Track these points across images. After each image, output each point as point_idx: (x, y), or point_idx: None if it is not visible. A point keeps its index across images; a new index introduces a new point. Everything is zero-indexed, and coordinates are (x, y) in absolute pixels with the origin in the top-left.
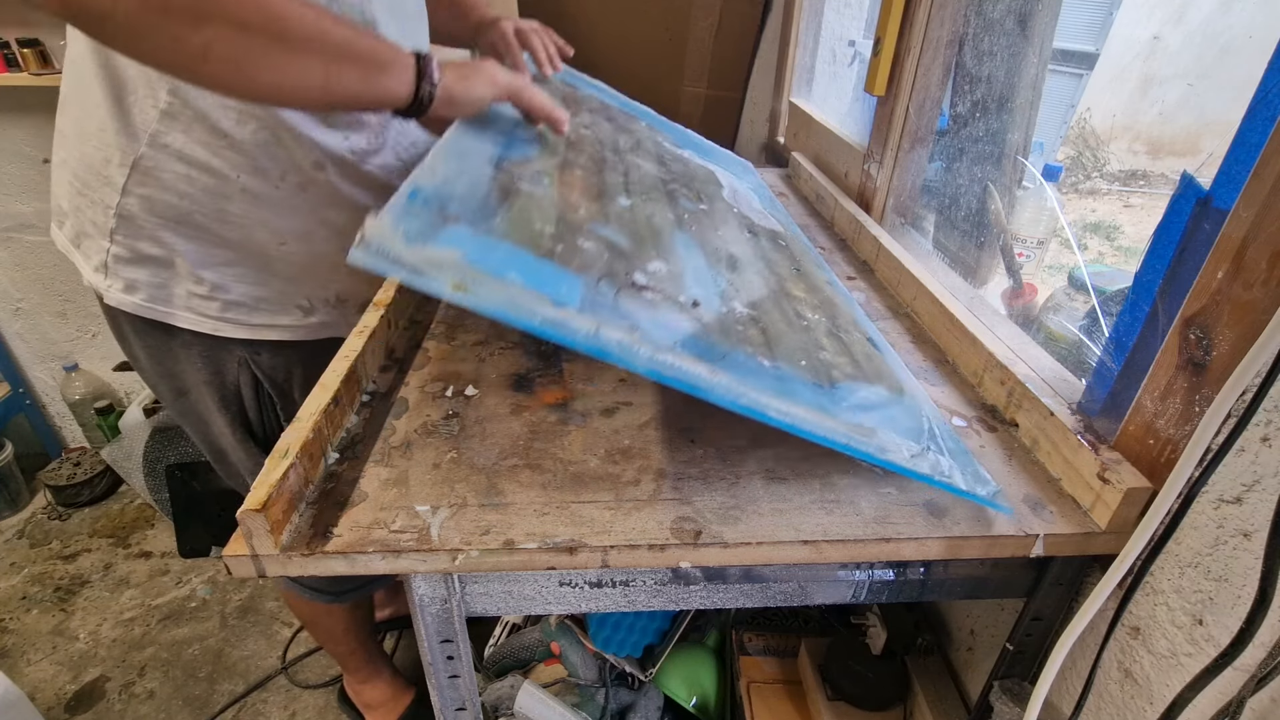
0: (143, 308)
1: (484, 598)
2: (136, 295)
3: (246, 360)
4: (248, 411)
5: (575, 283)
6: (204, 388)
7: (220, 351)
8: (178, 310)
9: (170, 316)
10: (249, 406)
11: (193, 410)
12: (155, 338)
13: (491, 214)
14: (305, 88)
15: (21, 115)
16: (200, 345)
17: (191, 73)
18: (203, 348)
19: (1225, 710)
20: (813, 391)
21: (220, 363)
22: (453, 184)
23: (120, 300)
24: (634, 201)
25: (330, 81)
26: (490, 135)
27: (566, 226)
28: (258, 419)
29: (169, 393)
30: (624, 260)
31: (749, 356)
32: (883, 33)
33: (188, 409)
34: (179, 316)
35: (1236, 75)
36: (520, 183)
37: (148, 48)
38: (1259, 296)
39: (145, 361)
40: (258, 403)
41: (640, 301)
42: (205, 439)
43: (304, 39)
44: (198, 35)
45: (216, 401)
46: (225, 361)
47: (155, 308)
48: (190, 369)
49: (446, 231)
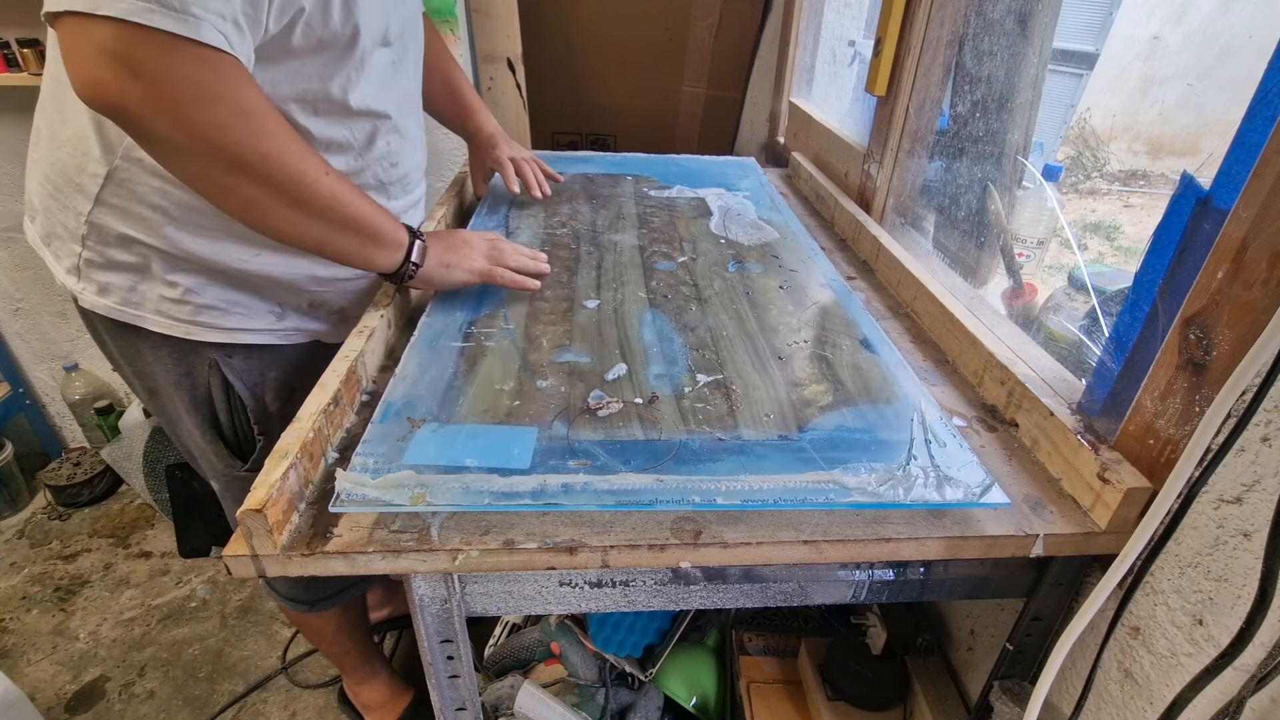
0: (115, 310)
1: (484, 598)
2: (109, 298)
3: (217, 363)
4: (218, 414)
5: (529, 437)
6: (173, 389)
7: (190, 354)
8: (148, 314)
9: (141, 320)
10: (219, 409)
11: (163, 410)
12: (126, 339)
13: (455, 399)
14: (302, 241)
15: (22, 115)
16: (170, 347)
17: (206, 197)
18: (173, 349)
19: (1225, 710)
20: (776, 448)
21: (191, 365)
22: (421, 380)
23: (93, 303)
24: (603, 298)
25: (326, 243)
26: (465, 293)
27: (528, 372)
28: (228, 421)
29: (142, 392)
30: (583, 383)
31: (705, 437)
32: (883, 33)
33: (159, 409)
34: (150, 320)
35: (1236, 75)
36: (487, 343)
37: (177, 166)
38: (1259, 296)
39: (119, 360)
40: (228, 405)
41: (594, 424)
42: (177, 439)
43: (319, 209)
44: (229, 178)
45: (186, 403)
46: (195, 364)
47: (126, 310)
48: (160, 370)
49: (411, 444)
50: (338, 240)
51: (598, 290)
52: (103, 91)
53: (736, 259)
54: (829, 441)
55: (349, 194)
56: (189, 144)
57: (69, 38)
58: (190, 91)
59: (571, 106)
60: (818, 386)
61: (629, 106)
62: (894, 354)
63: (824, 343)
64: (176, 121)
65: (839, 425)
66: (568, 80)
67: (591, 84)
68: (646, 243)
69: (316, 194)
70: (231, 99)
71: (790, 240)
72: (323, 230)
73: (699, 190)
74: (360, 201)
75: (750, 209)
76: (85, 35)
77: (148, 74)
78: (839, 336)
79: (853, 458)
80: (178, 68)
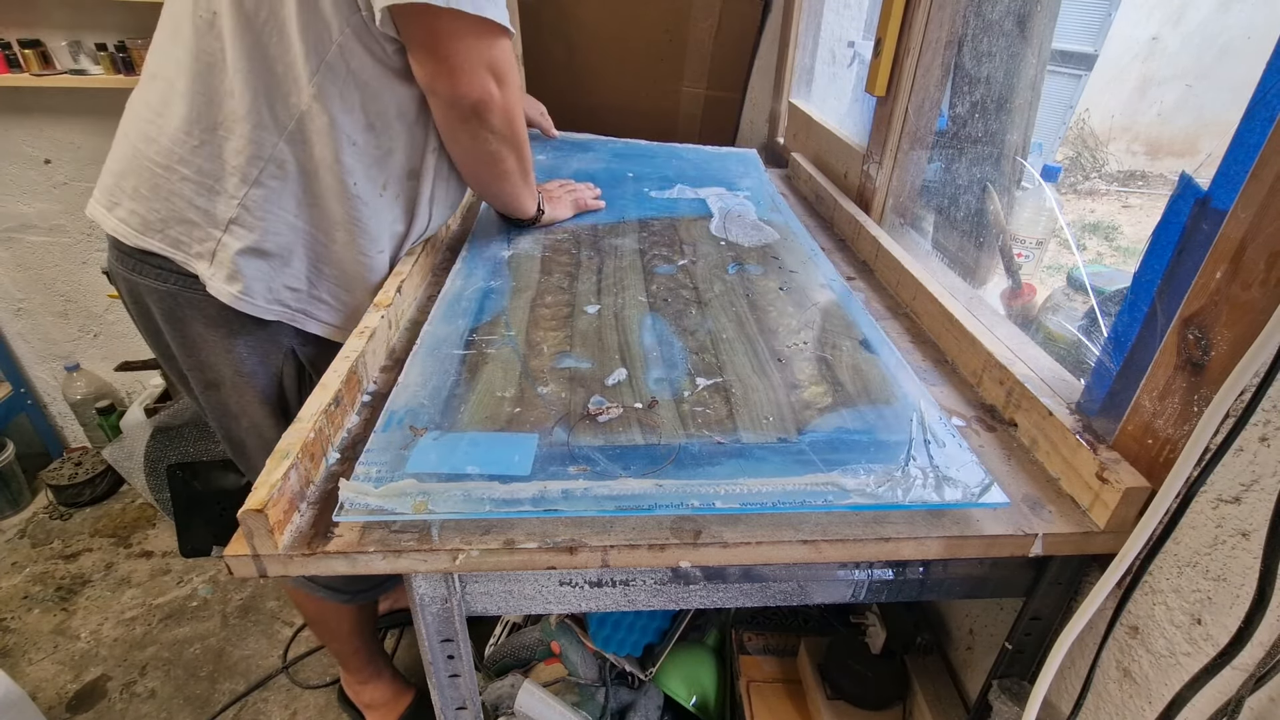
0: (238, 299)
1: (484, 597)
2: (234, 286)
3: (293, 350)
4: (288, 401)
5: (530, 444)
6: (240, 379)
7: (269, 343)
8: (270, 304)
9: (261, 310)
10: (290, 396)
11: (223, 403)
12: (198, 328)
13: (457, 407)
14: (497, 194)
15: (23, 116)
16: (249, 336)
17: (472, 154)
18: (250, 339)
19: (1224, 709)
20: (775, 451)
21: (267, 353)
22: (424, 388)
23: (219, 290)
24: (604, 303)
25: (510, 196)
26: (467, 300)
27: (529, 378)
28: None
29: (199, 384)
30: (583, 388)
31: (705, 441)
32: (883, 33)
33: (216, 402)
34: (270, 310)
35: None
36: (489, 350)
37: (468, 132)
38: (1257, 296)
39: (177, 351)
40: (299, 390)
41: (594, 430)
42: (229, 433)
43: (524, 175)
44: (501, 147)
45: (256, 393)
46: (272, 353)
47: (246, 300)
48: (229, 361)
49: (414, 452)
50: (518, 196)
51: (598, 295)
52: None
53: (737, 261)
54: (828, 443)
55: (531, 160)
56: (502, 119)
57: (457, 43)
58: (515, 82)
59: (571, 107)
60: (817, 388)
61: (629, 107)
62: (894, 354)
63: (824, 344)
64: (504, 110)
65: (838, 427)
66: (568, 81)
67: (591, 85)
68: (647, 246)
69: (529, 165)
70: (519, 87)
71: (790, 241)
72: (515, 190)
73: (700, 190)
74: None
75: (751, 210)
76: (472, 42)
77: (507, 80)
78: (839, 337)
79: (852, 459)
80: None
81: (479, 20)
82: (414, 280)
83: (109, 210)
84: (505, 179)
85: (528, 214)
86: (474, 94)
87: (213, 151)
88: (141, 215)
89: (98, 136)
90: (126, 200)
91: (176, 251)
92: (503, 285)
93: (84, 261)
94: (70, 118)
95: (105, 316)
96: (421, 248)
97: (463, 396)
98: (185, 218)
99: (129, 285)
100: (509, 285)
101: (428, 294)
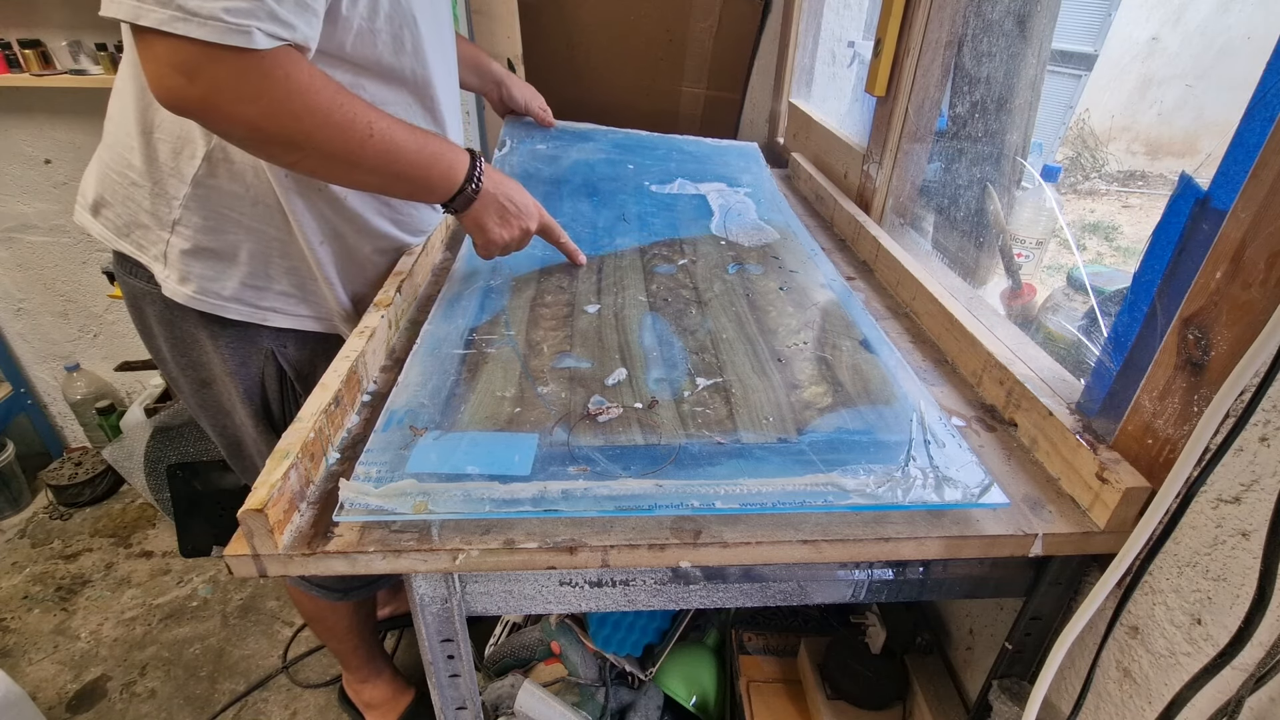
0: (194, 299)
1: (484, 597)
2: (188, 286)
3: (273, 352)
4: (270, 403)
5: (530, 444)
6: (229, 379)
7: (248, 344)
8: (226, 303)
9: (219, 309)
10: (272, 398)
11: (215, 401)
12: (189, 328)
13: (457, 407)
14: (365, 188)
15: (23, 116)
16: (229, 336)
17: (284, 168)
18: (230, 339)
19: (1224, 709)
20: (775, 451)
21: (247, 355)
22: (424, 388)
23: (174, 291)
24: (604, 303)
25: (385, 189)
26: (467, 300)
27: (529, 378)
28: (279, 410)
29: (191, 384)
30: (584, 388)
31: (704, 441)
32: (883, 34)
33: (211, 400)
34: (227, 309)
35: (1235, 76)
36: (489, 350)
37: (249, 150)
38: (1257, 296)
39: (168, 352)
40: (281, 394)
41: (594, 430)
42: (223, 431)
43: (371, 167)
44: (289, 156)
45: (241, 393)
46: (252, 353)
47: (204, 300)
48: (218, 359)
49: (414, 452)
50: (393, 188)
51: (598, 295)
52: (169, 96)
53: (737, 260)
54: (828, 443)
55: (403, 133)
56: (245, 134)
57: (145, 49)
58: (231, 93)
59: (571, 107)
60: (817, 388)
61: (629, 107)
62: (894, 354)
63: (824, 344)
64: (229, 118)
65: (838, 427)
66: (568, 81)
67: (591, 85)
68: (647, 245)
69: (367, 151)
70: (270, 94)
71: (790, 241)
72: (379, 183)
73: (700, 185)
74: (414, 144)
75: (751, 208)
76: (149, 45)
77: (201, 79)
78: (839, 337)
79: (852, 459)
80: (220, 72)
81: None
82: (414, 280)
83: (94, 216)
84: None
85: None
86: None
87: (151, 155)
88: (112, 220)
89: (98, 137)
90: (104, 207)
91: (142, 254)
92: (502, 285)
93: (84, 261)
94: (70, 118)
95: (105, 316)
96: (422, 248)
97: (463, 396)
98: (140, 221)
99: (127, 288)
100: (509, 285)
101: (427, 294)
